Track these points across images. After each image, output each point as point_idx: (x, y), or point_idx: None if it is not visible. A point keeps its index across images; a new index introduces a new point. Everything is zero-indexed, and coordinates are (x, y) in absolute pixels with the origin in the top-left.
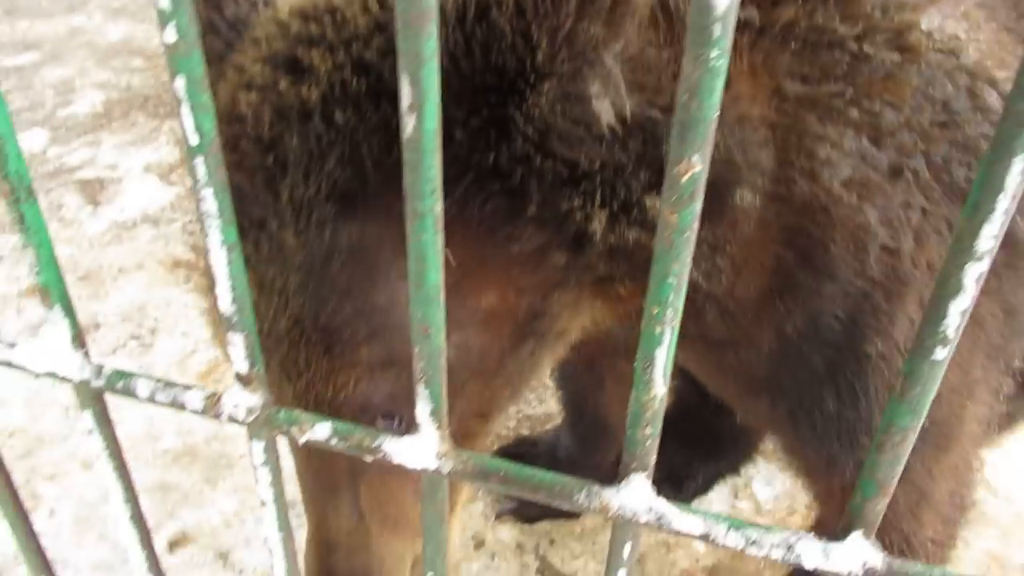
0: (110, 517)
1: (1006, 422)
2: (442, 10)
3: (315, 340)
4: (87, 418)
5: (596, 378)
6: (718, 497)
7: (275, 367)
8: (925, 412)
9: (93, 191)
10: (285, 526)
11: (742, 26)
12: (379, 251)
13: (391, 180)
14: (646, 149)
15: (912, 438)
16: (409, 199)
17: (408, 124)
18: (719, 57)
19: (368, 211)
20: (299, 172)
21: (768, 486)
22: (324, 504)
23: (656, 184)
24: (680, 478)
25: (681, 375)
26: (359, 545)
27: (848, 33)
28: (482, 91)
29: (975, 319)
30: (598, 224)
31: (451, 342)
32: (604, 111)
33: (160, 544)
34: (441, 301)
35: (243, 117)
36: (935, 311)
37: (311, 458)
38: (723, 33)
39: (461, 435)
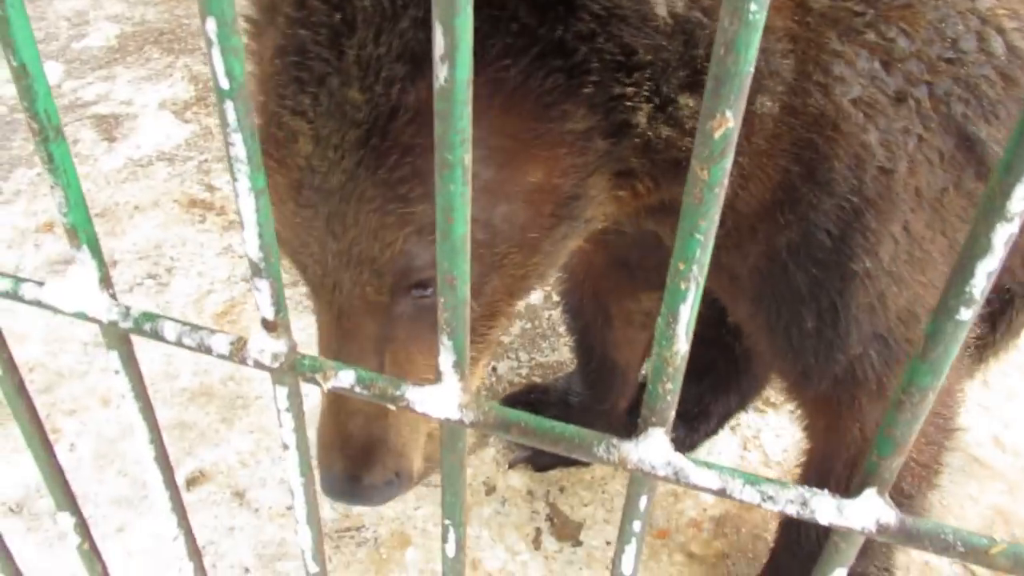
0: (131, 454)
1: (982, 350)
2: None
3: (369, 195)
4: (113, 359)
5: (604, 319)
6: (727, 448)
7: (321, 224)
8: (945, 373)
9: (108, 127)
10: (307, 470)
11: None
12: None
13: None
14: (686, 49)
15: (931, 398)
16: (439, 148)
17: (440, 74)
18: (758, 11)
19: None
20: (369, 31)
21: (777, 438)
22: (345, 359)
23: (690, 85)
24: (692, 417)
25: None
26: (378, 412)
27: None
28: None
29: (954, 247)
30: (642, 116)
31: (499, 213)
32: (659, 2)
33: (177, 482)
34: (467, 252)
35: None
36: (962, 271)
37: (340, 320)
38: None
39: (488, 314)
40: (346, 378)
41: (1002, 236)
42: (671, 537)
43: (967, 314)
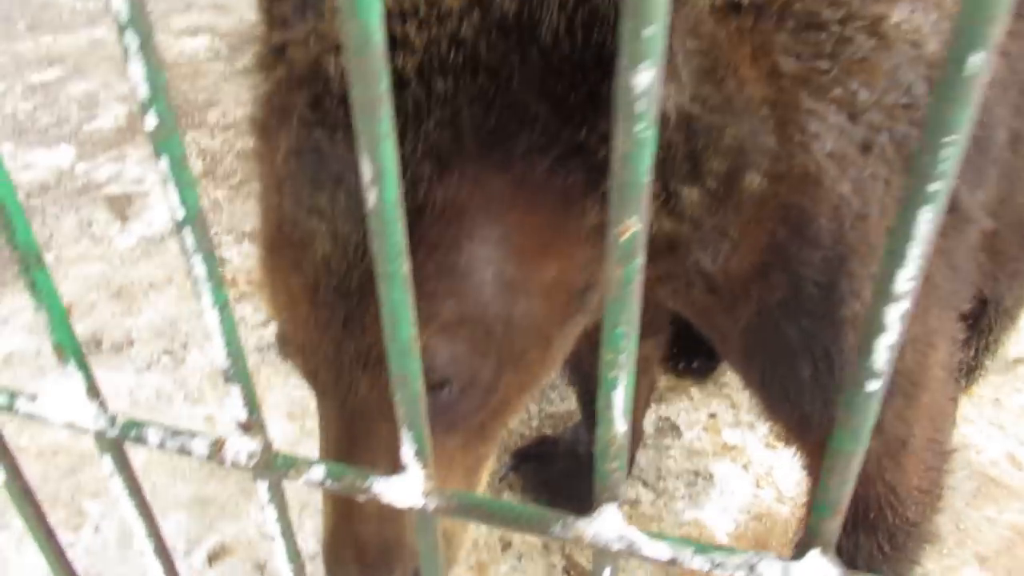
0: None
1: (970, 371)
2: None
3: None
4: (107, 462)
5: None
6: (740, 486)
7: (337, 325)
8: (868, 436)
9: (121, 206)
10: (295, 557)
11: (745, 10)
12: (470, 211)
13: (488, 144)
14: (688, 142)
15: (858, 461)
16: (378, 262)
17: (371, 196)
18: (646, 129)
19: (464, 172)
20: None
21: (790, 473)
22: (356, 463)
23: (692, 177)
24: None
25: None
26: (392, 514)
27: (832, 17)
28: (581, 69)
29: (927, 277)
30: (652, 209)
31: (519, 309)
32: (667, 99)
33: (200, 557)
34: (415, 352)
35: (329, 77)
36: (865, 348)
37: (353, 424)
38: (647, 108)
39: (500, 410)
40: (317, 472)
41: (894, 315)
42: None
43: (875, 385)
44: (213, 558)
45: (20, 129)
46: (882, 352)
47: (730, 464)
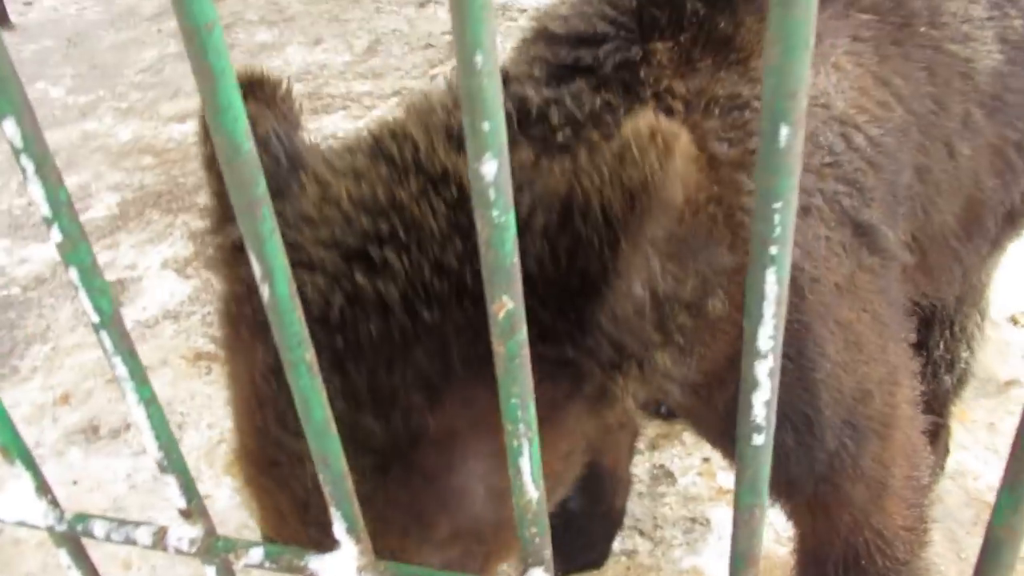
0: None
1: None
2: (526, 225)
3: (389, 519)
4: (63, 555)
5: None
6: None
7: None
8: (766, 487)
9: (115, 292)
10: None
11: (677, 111)
12: (462, 433)
13: (479, 372)
14: (660, 317)
15: (762, 512)
16: (282, 351)
17: (264, 292)
18: (502, 214)
19: (454, 397)
20: (379, 359)
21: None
22: None
23: (662, 342)
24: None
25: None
26: None
27: (751, 94)
28: (566, 292)
29: (876, 318)
30: (623, 389)
31: (507, 510)
32: (642, 294)
33: None
34: (332, 432)
35: (307, 298)
36: (744, 405)
37: None
38: (498, 195)
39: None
40: (256, 555)
41: (763, 370)
42: None
43: (760, 439)
44: None
45: (16, 224)
46: (760, 407)
47: (726, 508)
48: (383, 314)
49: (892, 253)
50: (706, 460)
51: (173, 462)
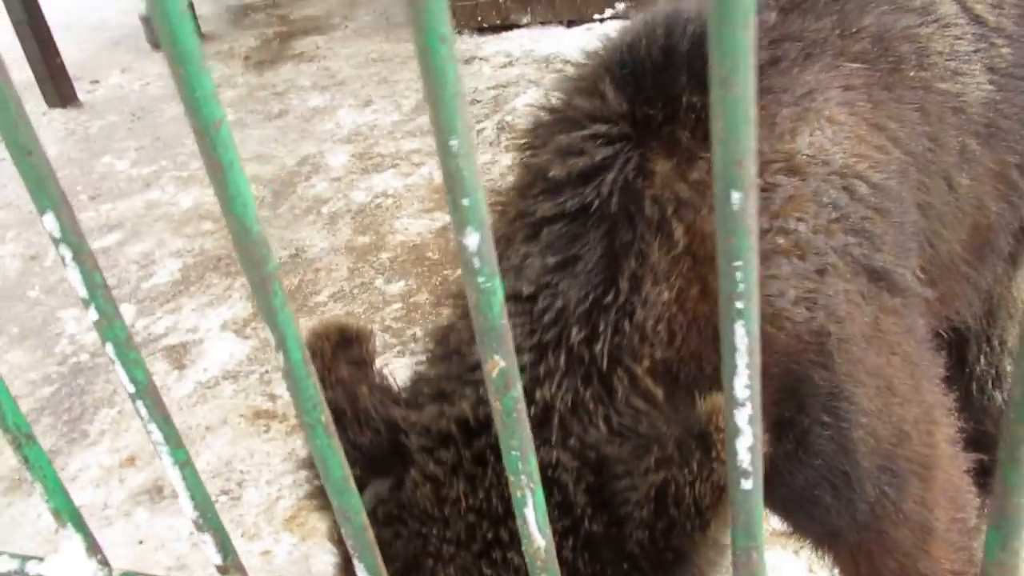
0: None
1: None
2: (628, 516)
3: None
4: None
5: None
6: (792, 571)
7: None
8: (760, 530)
9: (178, 356)
10: None
11: (680, 217)
12: None
13: None
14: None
15: (759, 555)
16: (299, 413)
17: (280, 358)
18: (487, 280)
19: None
20: None
21: None
22: None
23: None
24: None
25: None
26: None
27: None
28: (663, 564)
29: (906, 358)
30: None
31: None
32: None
33: None
34: (351, 488)
35: None
36: (730, 452)
37: None
38: (483, 262)
39: None
40: None
41: (743, 417)
42: None
43: (748, 484)
44: None
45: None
46: (744, 453)
47: (781, 551)
48: None
49: (912, 291)
50: None
51: (209, 520)
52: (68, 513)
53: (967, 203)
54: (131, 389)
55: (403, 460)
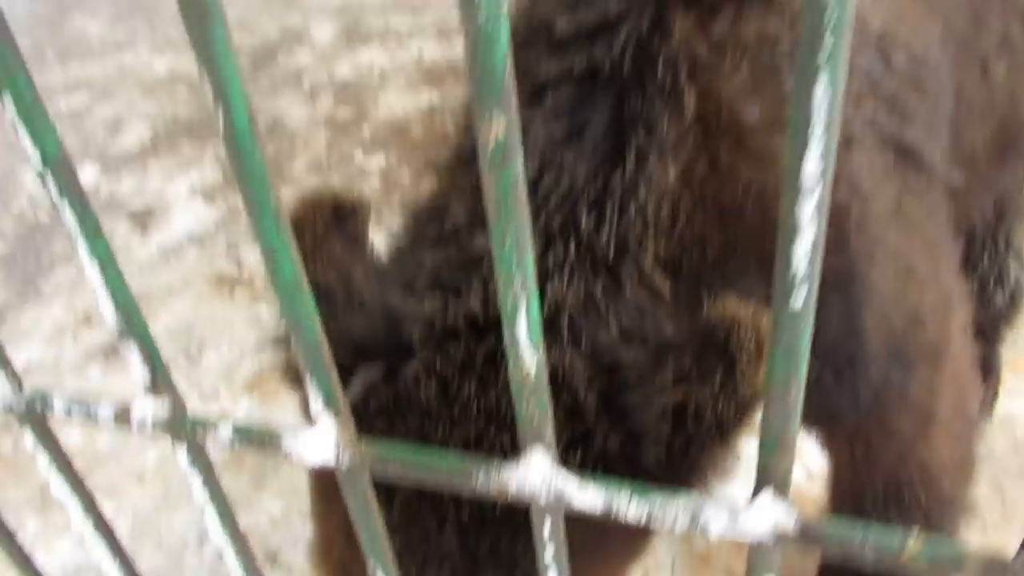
0: (165, 527)
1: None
2: (650, 430)
3: None
4: (28, 437)
5: None
6: None
7: None
8: (804, 360)
9: (142, 219)
10: (229, 523)
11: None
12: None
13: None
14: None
15: (797, 386)
16: (245, 194)
17: (220, 119)
18: (492, 20)
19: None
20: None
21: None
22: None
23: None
24: None
25: None
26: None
27: (779, 27)
28: (679, 480)
29: (927, 241)
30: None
31: None
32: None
33: (212, 548)
34: (304, 288)
35: None
36: (783, 260)
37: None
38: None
39: None
40: (225, 431)
41: (807, 211)
42: (713, 560)
43: (799, 300)
44: None
45: None
46: (801, 259)
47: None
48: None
49: (938, 174)
50: None
51: (134, 327)
52: None
53: (1000, 95)
54: (37, 162)
55: (399, 351)
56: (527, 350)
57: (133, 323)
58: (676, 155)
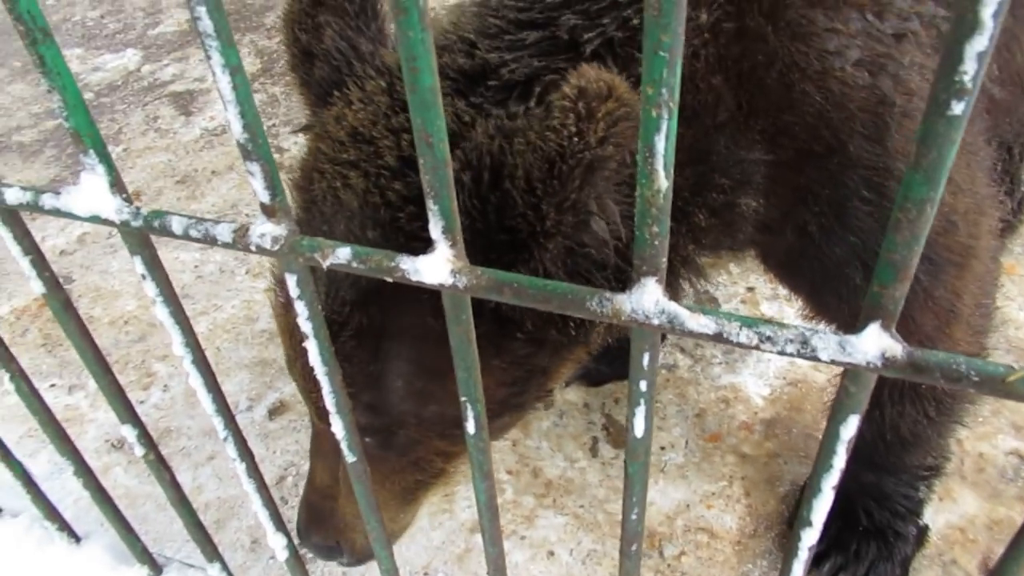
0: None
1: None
2: (458, 179)
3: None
4: (138, 263)
5: None
6: (773, 356)
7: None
8: (942, 181)
9: (185, 102)
10: (330, 359)
11: None
12: (384, 334)
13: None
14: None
15: (930, 212)
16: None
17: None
18: None
19: (380, 298)
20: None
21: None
22: (319, 467)
23: (620, 285)
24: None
25: None
26: (332, 495)
27: None
28: (496, 246)
29: (965, 147)
30: (578, 330)
31: (428, 412)
32: (605, 241)
33: (261, 412)
34: (439, 107)
35: (313, 193)
36: (949, 58)
37: (318, 439)
38: None
39: (431, 457)
40: (343, 255)
41: (990, 7)
42: (723, 440)
43: (959, 107)
44: (273, 412)
45: (89, 35)
46: (971, 60)
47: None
48: (348, 221)
49: (984, 82)
50: (750, 290)
51: (259, 147)
52: (90, 138)
53: None
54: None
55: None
56: (661, 173)
57: (258, 143)
58: (710, 8)
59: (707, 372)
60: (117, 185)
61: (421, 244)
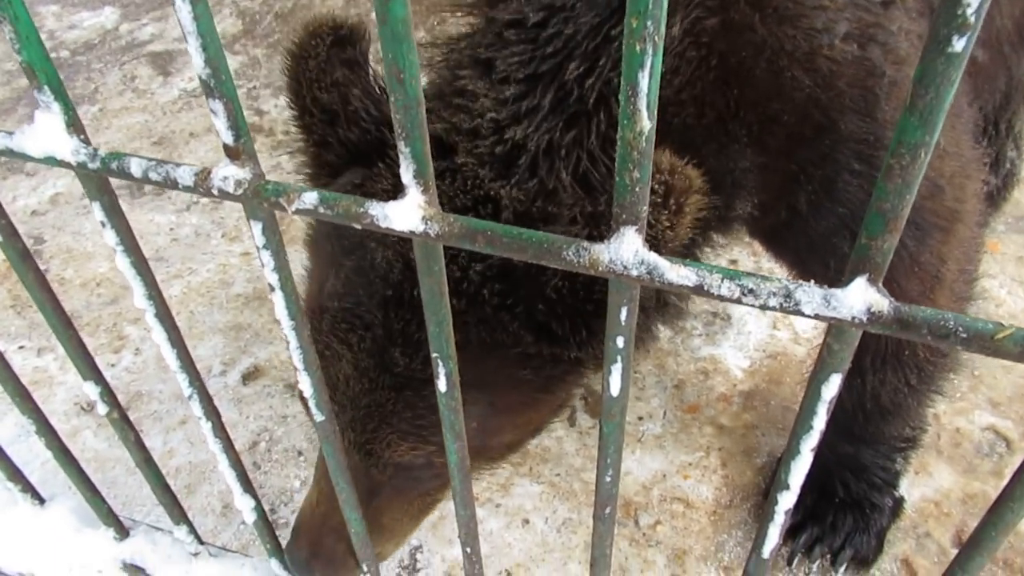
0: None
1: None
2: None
3: (394, 424)
4: (97, 210)
5: None
6: (756, 327)
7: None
8: (938, 126)
9: (163, 63)
10: (296, 312)
11: None
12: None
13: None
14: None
15: (923, 158)
16: None
17: None
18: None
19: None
20: (415, 315)
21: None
22: (322, 481)
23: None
24: None
25: None
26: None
27: None
28: (582, 315)
29: (953, 108)
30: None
31: (494, 442)
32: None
33: (235, 377)
34: (411, 40)
35: (376, 266)
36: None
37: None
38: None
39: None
40: (310, 199)
41: None
42: (701, 411)
43: (960, 44)
44: (247, 377)
45: None
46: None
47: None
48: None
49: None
50: (733, 262)
51: (222, 84)
52: (45, 74)
53: None
54: None
55: (381, 152)
56: (643, 113)
57: (221, 80)
58: (685, 10)
59: (687, 343)
60: (74, 125)
61: None
